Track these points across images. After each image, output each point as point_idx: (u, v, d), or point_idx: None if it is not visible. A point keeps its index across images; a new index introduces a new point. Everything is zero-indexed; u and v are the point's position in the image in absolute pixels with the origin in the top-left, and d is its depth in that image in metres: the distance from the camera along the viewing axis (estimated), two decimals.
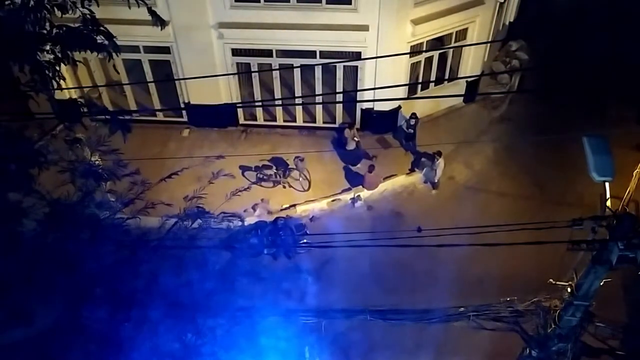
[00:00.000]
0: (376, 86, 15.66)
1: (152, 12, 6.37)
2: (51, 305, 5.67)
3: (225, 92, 16.87)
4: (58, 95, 9.79)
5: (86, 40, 5.80)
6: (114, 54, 6.03)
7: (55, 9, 5.73)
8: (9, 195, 5.59)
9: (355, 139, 16.27)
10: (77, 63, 6.12)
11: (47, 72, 5.72)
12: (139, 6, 5.91)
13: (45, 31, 5.69)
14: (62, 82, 6.08)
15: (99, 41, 5.94)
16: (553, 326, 7.81)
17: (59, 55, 5.76)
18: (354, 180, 15.99)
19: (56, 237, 5.66)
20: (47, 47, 5.77)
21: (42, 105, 6.46)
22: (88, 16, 5.85)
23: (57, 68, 5.85)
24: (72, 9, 5.80)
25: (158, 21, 6.42)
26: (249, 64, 16.54)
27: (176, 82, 16.65)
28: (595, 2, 19.20)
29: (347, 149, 16.27)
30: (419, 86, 17.31)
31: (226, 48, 15.97)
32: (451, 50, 17.19)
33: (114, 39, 6.01)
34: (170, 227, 6.68)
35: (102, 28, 5.92)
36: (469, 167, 16.70)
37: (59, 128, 6.45)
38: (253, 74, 16.77)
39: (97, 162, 6.30)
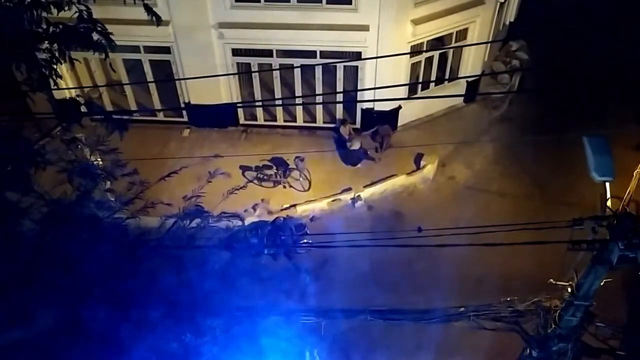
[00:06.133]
0: (376, 86, 15.65)
1: (148, 9, 6.37)
2: (51, 305, 5.66)
3: (226, 92, 16.86)
4: (57, 94, 9.77)
5: (83, 38, 5.80)
6: (110, 52, 6.03)
7: (52, 7, 5.73)
8: (8, 195, 5.58)
9: (352, 135, 16.32)
10: (76, 62, 6.12)
11: (44, 70, 5.71)
12: (135, 2, 5.90)
13: (41, 30, 5.68)
14: (61, 81, 6.09)
15: (95, 39, 5.93)
16: (553, 326, 7.79)
17: (56, 53, 5.76)
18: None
19: (55, 237, 5.66)
20: (44, 46, 5.76)
21: (40, 104, 6.47)
22: (84, 13, 5.84)
23: (54, 66, 5.85)
24: (68, 5, 5.79)
25: (154, 17, 6.43)
26: (249, 64, 16.54)
27: (176, 82, 16.65)
28: (596, 2, 19.19)
29: (351, 149, 16.24)
30: (419, 86, 17.30)
31: (226, 48, 15.96)
32: (451, 50, 17.18)
33: (110, 36, 6.00)
34: (170, 227, 6.68)
35: (98, 25, 5.91)
36: (469, 167, 16.69)
37: (58, 129, 6.45)
38: (253, 74, 16.77)
39: (96, 162, 6.31)
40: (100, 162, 6.45)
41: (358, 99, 17.04)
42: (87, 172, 5.93)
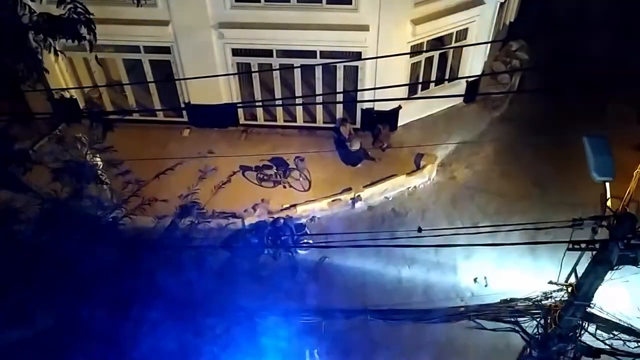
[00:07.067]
0: (376, 86, 15.64)
1: None
2: (51, 305, 5.66)
3: (226, 92, 16.86)
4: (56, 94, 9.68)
5: (68, 29, 5.76)
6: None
7: None
8: (3, 195, 5.59)
9: (352, 135, 16.33)
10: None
11: (32, 62, 5.69)
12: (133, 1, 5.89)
13: (27, 21, 5.66)
14: (61, 81, 6.10)
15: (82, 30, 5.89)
16: (553, 326, 7.79)
17: (41, 44, 5.74)
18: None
19: (53, 236, 5.66)
20: (31, 37, 5.73)
21: (38, 104, 6.46)
22: (73, 5, 5.80)
23: (40, 57, 5.82)
24: None
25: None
26: (249, 64, 16.54)
27: (176, 82, 16.64)
28: (596, 2, 19.19)
29: (351, 149, 16.23)
30: (419, 86, 17.29)
31: (226, 48, 15.96)
32: (451, 50, 17.17)
33: (93, 25, 5.93)
34: (168, 226, 6.68)
35: (82, 14, 5.84)
36: (469, 167, 16.69)
37: (58, 128, 6.47)
38: (253, 74, 16.77)
39: (94, 162, 6.31)
40: (99, 162, 6.45)
41: (358, 99, 17.02)
42: (81, 170, 5.92)
